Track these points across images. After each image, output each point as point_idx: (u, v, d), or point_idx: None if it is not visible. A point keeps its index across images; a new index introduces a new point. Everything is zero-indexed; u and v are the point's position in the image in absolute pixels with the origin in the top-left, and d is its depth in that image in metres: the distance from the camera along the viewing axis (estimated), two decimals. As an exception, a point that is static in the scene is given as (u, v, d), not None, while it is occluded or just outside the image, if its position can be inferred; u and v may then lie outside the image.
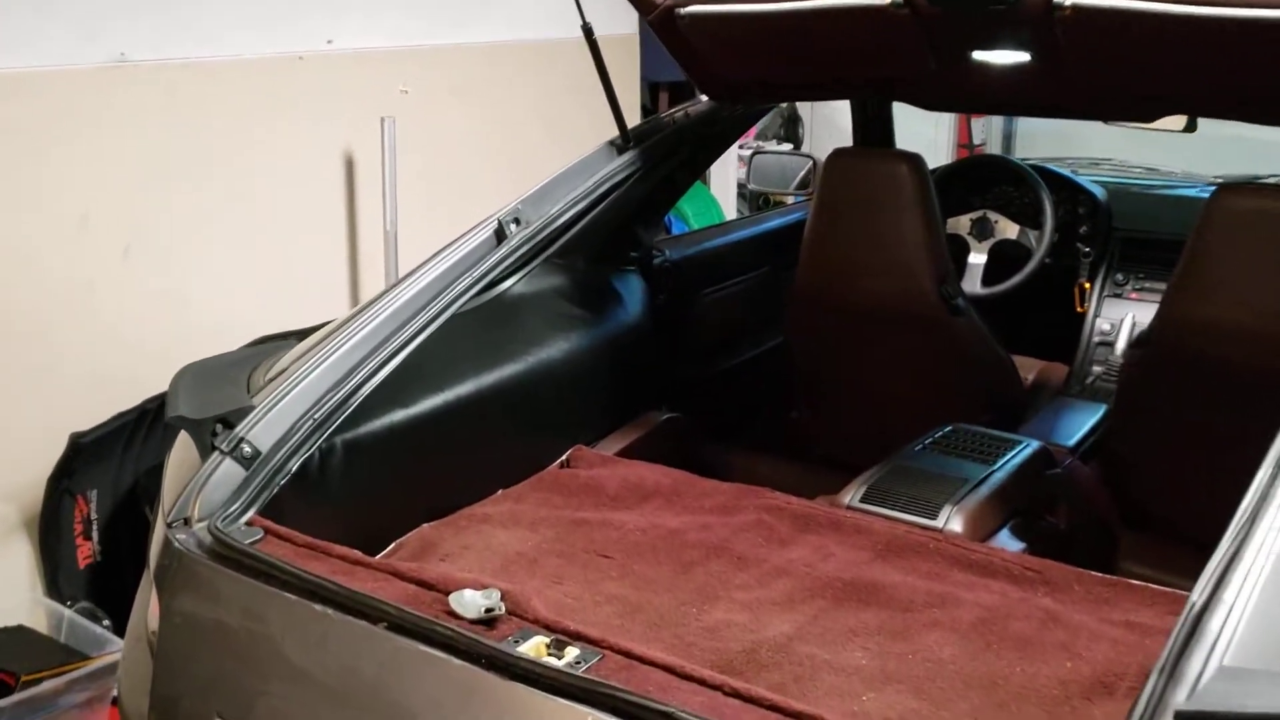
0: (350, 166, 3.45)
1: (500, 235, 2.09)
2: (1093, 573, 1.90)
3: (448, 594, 1.46)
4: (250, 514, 1.60)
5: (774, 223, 3.40)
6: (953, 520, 2.08)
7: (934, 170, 3.24)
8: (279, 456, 1.67)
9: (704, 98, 2.64)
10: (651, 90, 5.17)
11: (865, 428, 2.92)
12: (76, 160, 2.83)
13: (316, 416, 1.72)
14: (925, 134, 5.52)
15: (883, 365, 2.85)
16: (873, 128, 3.19)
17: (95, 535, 2.86)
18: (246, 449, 1.65)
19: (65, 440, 2.77)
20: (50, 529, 2.79)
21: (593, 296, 2.57)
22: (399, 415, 2.02)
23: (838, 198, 2.77)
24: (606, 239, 2.62)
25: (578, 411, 2.45)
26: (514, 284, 2.46)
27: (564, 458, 2.37)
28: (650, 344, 2.70)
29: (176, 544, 1.53)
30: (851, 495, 2.18)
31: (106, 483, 2.86)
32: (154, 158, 2.98)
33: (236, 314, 3.09)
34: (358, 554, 1.54)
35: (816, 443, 3.05)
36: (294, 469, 1.68)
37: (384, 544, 2.00)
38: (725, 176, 5.32)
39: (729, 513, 2.15)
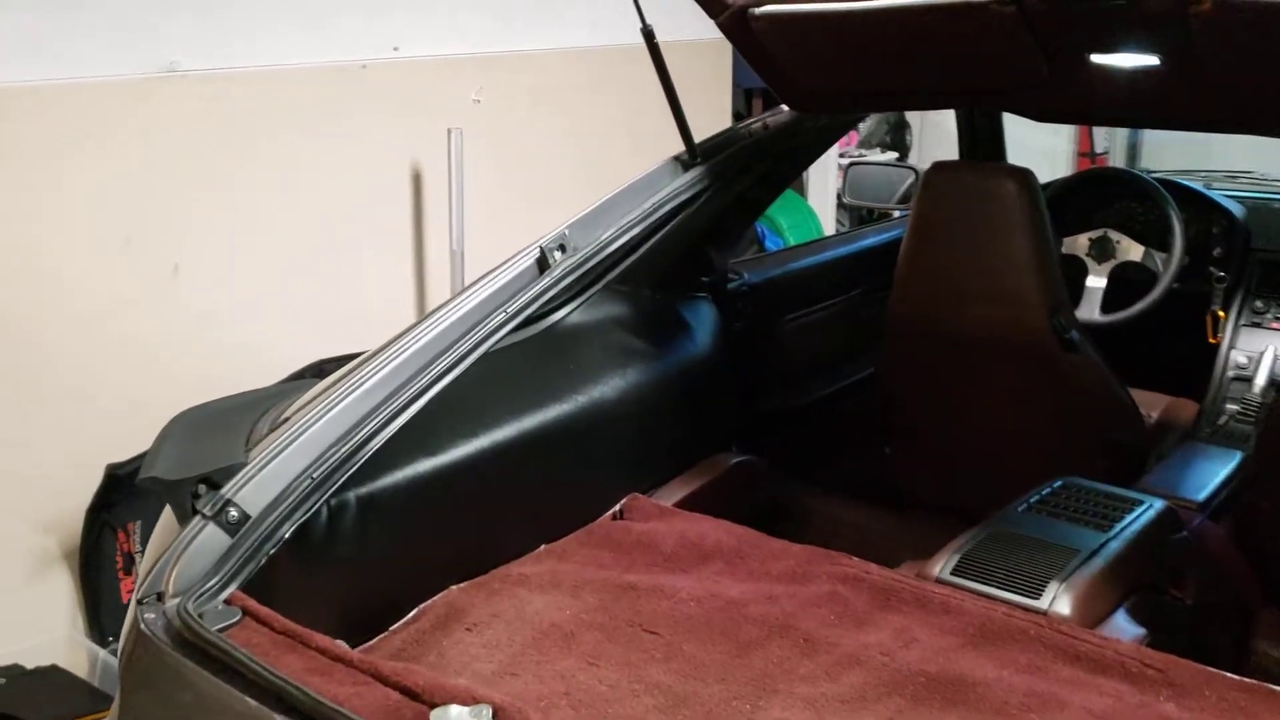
0: (417, 181, 3.27)
1: (542, 264, 1.86)
2: (1227, 675, 1.59)
3: (432, 706, 1.24)
4: (231, 589, 1.40)
5: (869, 240, 3.12)
6: (1059, 600, 1.79)
7: (1049, 185, 2.93)
8: (270, 521, 1.46)
9: (785, 107, 2.38)
10: (746, 97, 4.90)
11: (965, 470, 2.62)
12: (122, 175, 2.69)
13: (316, 474, 1.51)
14: (1042, 142, 5.14)
15: (986, 402, 2.56)
16: (979, 138, 2.89)
17: (137, 570, 2.73)
18: (233, 513, 1.45)
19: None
20: (90, 563, 2.66)
21: (656, 326, 2.33)
22: (424, 465, 1.81)
23: (937, 215, 2.49)
24: (673, 263, 2.38)
25: (635, 455, 2.21)
26: (568, 314, 2.24)
27: (617, 508, 2.13)
28: (722, 377, 2.45)
29: (142, 626, 1.34)
30: (941, 566, 1.89)
31: (151, 515, 2.72)
32: (204, 172, 2.83)
33: (290, 338, 2.93)
34: (340, 647, 1.32)
35: (910, 484, 2.76)
36: (286, 535, 1.47)
37: (405, 609, 1.79)
38: (825, 187, 5.03)
39: (799, 581, 1.89)
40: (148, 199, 2.74)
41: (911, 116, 5.83)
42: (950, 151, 2.86)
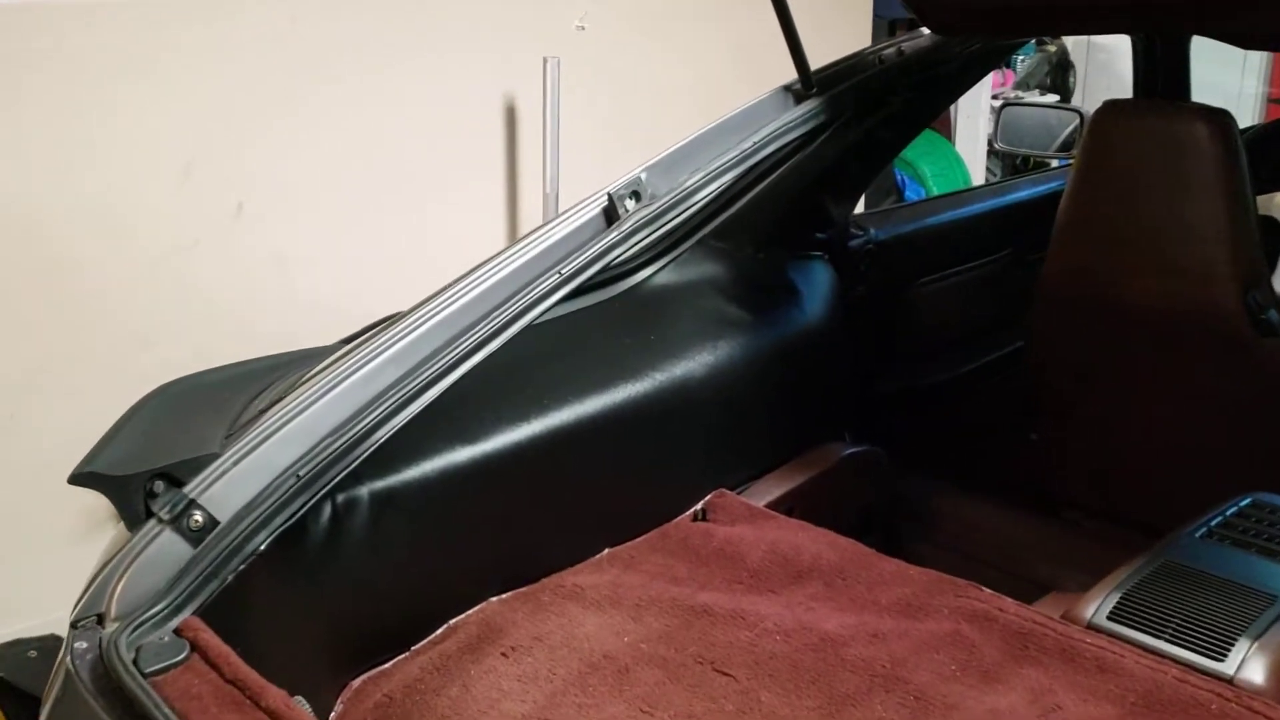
0: (510, 116, 2.95)
1: (610, 215, 1.52)
2: None
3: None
4: (185, 614, 1.13)
5: (1022, 194, 2.69)
6: (1250, 664, 1.39)
7: (1243, 131, 2.45)
8: (241, 529, 1.18)
9: (924, 30, 1.98)
10: (889, 30, 4.44)
11: (1127, 469, 2.21)
12: (180, 100, 2.44)
13: (304, 472, 1.21)
14: (1225, 83, 4.53)
15: (1156, 390, 2.14)
16: (1160, 73, 2.42)
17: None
18: (197, 517, 1.17)
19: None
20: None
21: (759, 290, 1.98)
22: (461, 454, 1.50)
23: (1107, 166, 2.07)
24: (781, 215, 2.01)
25: (725, 443, 1.87)
26: (652, 275, 1.91)
27: (699, 506, 1.80)
28: (836, 352, 2.08)
29: (69, 659, 1.08)
30: (1095, 608, 1.51)
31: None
32: (272, 100, 2.57)
33: (364, 286, 2.67)
34: (297, 711, 1.03)
35: (1059, 482, 2.35)
36: (262, 547, 1.19)
37: (431, 626, 1.50)
38: (975, 131, 4.54)
39: (914, 615, 1.53)
40: (211, 129, 2.49)
41: (1077, 55, 5.26)
42: (1119, 94, 2.40)
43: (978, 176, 4.59)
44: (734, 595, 1.59)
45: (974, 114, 4.47)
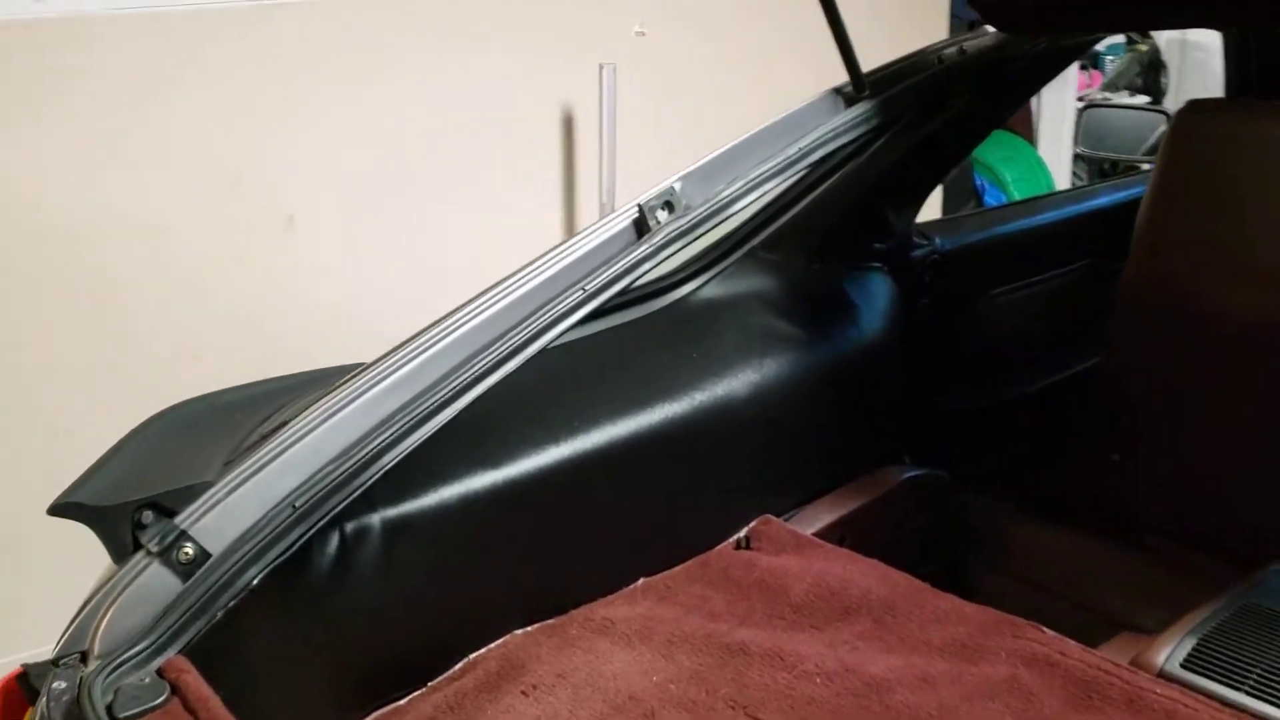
0: (567, 125, 2.88)
1: (640, 227, 1.44)
2: None
3: None
4: (170, 653, 1.07)
5: (1103, 199, 2.53)
6: (1345, 724, 1.25)
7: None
8: (233, 562, 1.11)
9: (988, 28, 1.86)
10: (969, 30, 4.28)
11: (1216, 494, 2.05)
12: (230, 111, 2.41)
13: (300, 503, 1.14)
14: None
15: (1250, 409, 1.98)
16: (1253, 69, 2.25)
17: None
18: (188, 550, 1.11)
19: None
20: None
21: (811, 303, 1.88)
22: (482, 479, 1.42)
23: (1191, 169, 1.94)
24: (835, 225, 1.91)
25: (771, 466, 1.77)
26: (696, 289, 1.82)
27: (743, 533, 1.70)
28: (895, 368, 1.97)
29: (46, 701, 1.02)
30: (1167, 654, 1.38)
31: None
32: (323, 111, 2.53)
33: (417, 300, 2.60)
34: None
35: (1142, 502, 2.19)
36: (255, 582, 1.12)
37: (451, 659, 1.43)
38: (1059, 135, 4.35)
39: (968, 657, 1.41)
40: (261, 140, 2.46)
41: (1170, 54, 5.03)
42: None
43: (1062, 182, 4.40)
44: (774, 632, 1.48)
45: (1058, 117, 4.29)
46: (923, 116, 1.83)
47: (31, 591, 2.14)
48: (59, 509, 1.10)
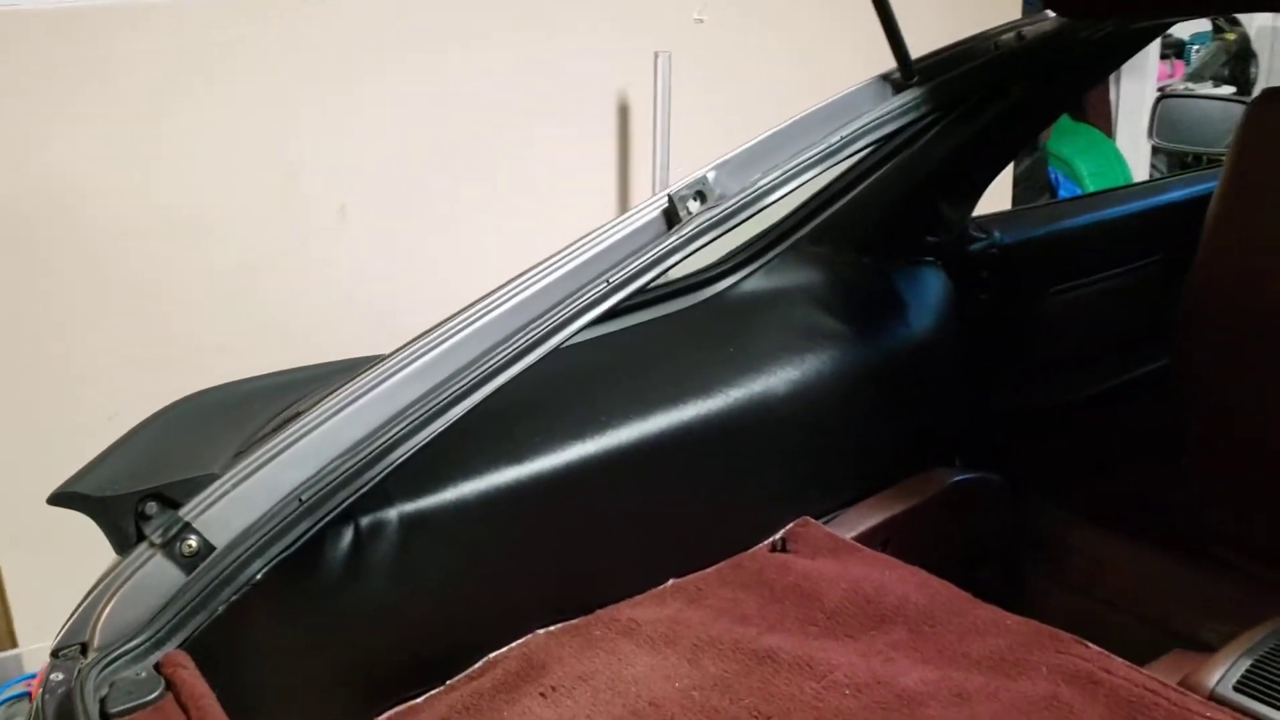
0: (623, 114, 2.84)
1: (670, 218, 1.39)
2: None
3: None
4: (169, 647, 1.05)
5: (1175, 194, 2.42)
6: None
7: None
8: (234, 557, 1.09)
9: (1049, 12, 1.78)
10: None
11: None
12: (283, 99, 2.41)
13: (306, 496, 1.12)
14: None
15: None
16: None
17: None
18: (191, 542, 1.09)
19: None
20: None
21: (858, 299, 1.81)
22: (505, 475, 1.39)
23: (1266, 160, 1.82)
24: (885, 217, 1.85)
25: (811, 466, 1.71)
26: (737, 282, 1.77)
27: (780, 535, 1.65)
28: (948, 366, 1.89)
29: (42, 692, 1.01)
30: (1219, 675, 1.29)
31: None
32: (376, 99, 2.52)
33: (469, 292, 2.58)
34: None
35: (1211, 511, 2.09)
36: (258, 577, 1.10)
37: (471, 658, 1.40)
38: (1138, 126, 4.20)
39: (1007, 672, 1.35)
40: (312, 128, 2.45)
41: (1260, 43, 4.83)
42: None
43: (1141, 176, 4.26)
44: (804, 639, 1.43)
45: (1138, 108, 4.14)
46: (978, 105, 1.76)
47: (76, 580, 2.16)
48: (59, 498, 1.09)
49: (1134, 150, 4.21)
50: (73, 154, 2.19)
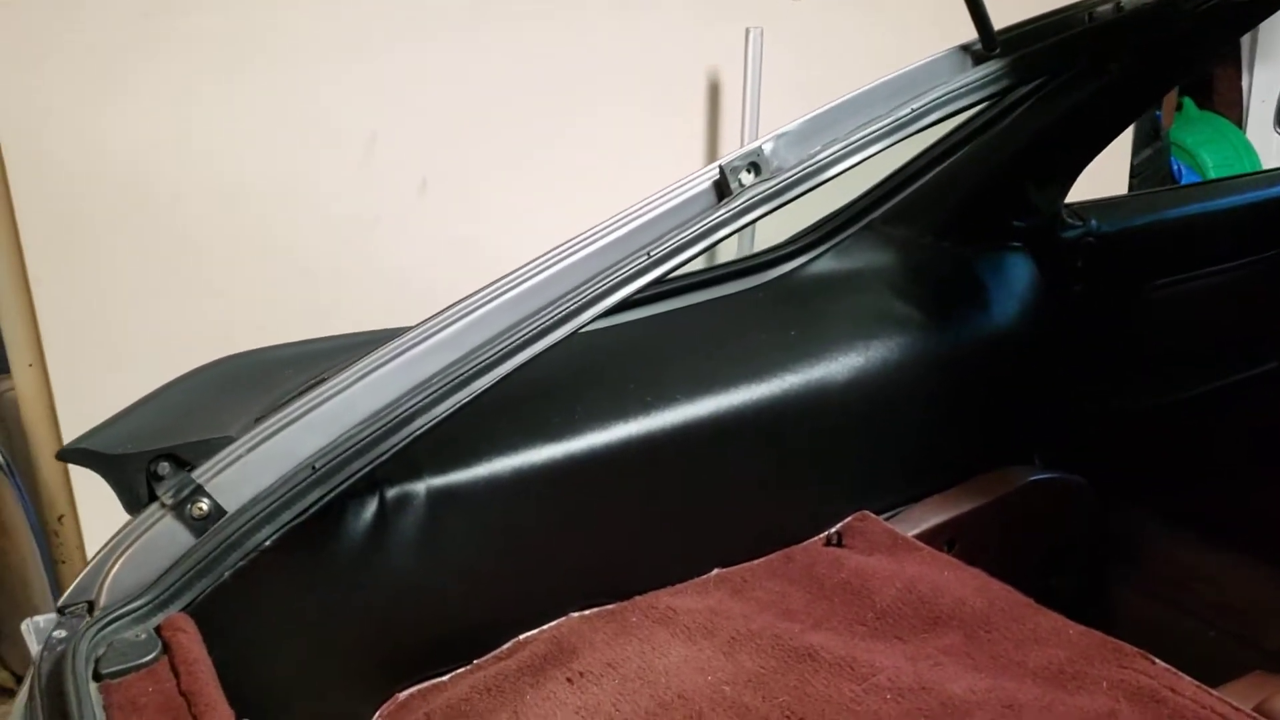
0: (714, 91, 2.77)
1: (721, 190, 1.32)
2: None
3: None
4: (173, 609, 1.03)
5: (1299, 184, 2.26)
6: None
7: None
8: (243, 522, 1.07)
9: (1154, -19, 1.65)
10: None
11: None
12: (366, 71, 2.40)
13: (319, 464, 1.09)
14: None
15: None
16: None
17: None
18: (203, 505, 1.08)
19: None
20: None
21: (935, 284, 1.72)
22: (541, 451, 1.35)
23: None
24: (967, 198, 1.75)
25: (875, 458, 1.63)
26: (806, 263, 1.70)
27: (836, 529, 1.57)
28: (1033, 358, 1.79)
29: (42, 648, 1.00)
30: (1298, 702, 1.18)
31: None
32: (462, 71, 2.49)
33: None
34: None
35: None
36: (267, 543, 1.07)
37: (501, 638, 1.36)
38: (1271, 115, 3.96)
39: (1063, 684, 1.26)
40: (395, 98, 2.44)
41: None
42: None
43: (1271, 164, 4.01)
44: (850, 639, 1.36)
45: (1271, 96, 3.90)
46: (1070, 82, 1.65)
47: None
48: (69, 454, 1.08)
49: (1267, 142, 3.97)
50: (146, 122, 2.20)
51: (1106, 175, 3.41)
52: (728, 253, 1.86)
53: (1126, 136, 3.59)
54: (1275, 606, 1.79)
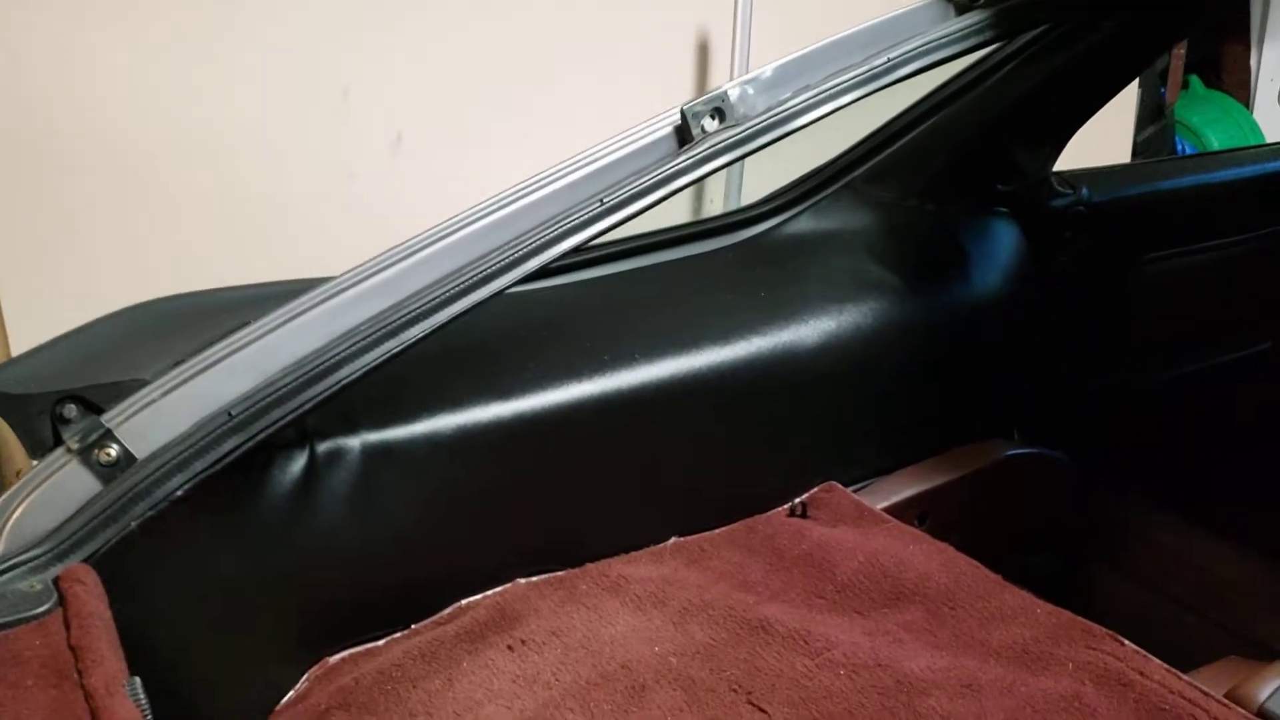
0: (702, 52, 2.69)
1: (683, 136, 1.25)
2: None
3: None
4: (73, 559, 0.97)
5: (1301, 159, 2.18)
6: None
7: None
8: (155, 468, 1.01)
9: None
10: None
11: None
12: (340, 21, 2.33)
13: (236, 410, 1.02)
14: None
15: None
16: None
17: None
18: (112, 450, 1.01)
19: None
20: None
21: (915, 247, 1.66)
22: (488, 409, 1.28)
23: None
24: (950, 159, 1.68)
25: (845, 427, 1.56)
26: (781, 223, 1.63)
27: (800, 500, 1.51)
28: (1014, 328, 1.72)
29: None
30: (1273, 689, 1.12)
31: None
32: (440, 26, 2.42)
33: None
34: (117, 699, 0.84)
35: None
36: (179, 493, 1.01)
37: (442, 603, 1.30)
38: (1277, 92, 3.87)
39: (1026, 665, 1.19)
40: (371, 52, 2.37)
41: None
42: None
43: (1281, 150, 3.91)
44: (807, 612, 1.30)
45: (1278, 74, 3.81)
46: (1061, 38, 1.57)
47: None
48: (-33, 392, 1.02)
49: (1274, 123, 3.88)
50: (119, 67, 2.14)
51: (1109, 153, 3.33)
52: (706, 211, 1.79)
53: (1130, 113, 3.50)
54: (1259, 594, 1.72)
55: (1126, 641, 1.19)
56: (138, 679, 0.86)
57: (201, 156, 2.26)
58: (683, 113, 1.25)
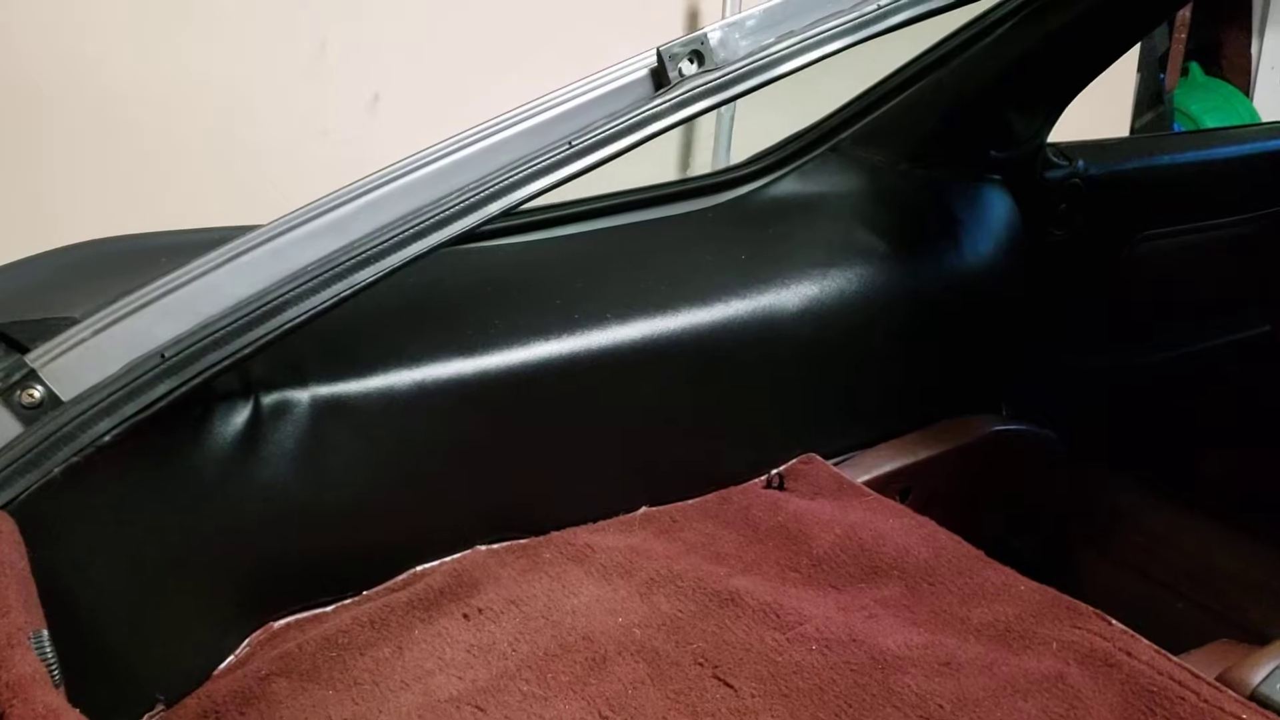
0: (692, 22, 2.63)
1: (659, 79, 1.19)
2: None
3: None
4: (-7, 505, 0.91)
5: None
6: None
7: None
8: (81, 411, 0.94)
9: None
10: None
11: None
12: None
13: (170, 353, 0.95)
14: None
15: None
16: None
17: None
18: (35, 392, 0.95)
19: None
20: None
21: (904, 212, 1.59)
22: (449, 366, 1.21)
23: None
24: (942, 122, 1.61)
25: (826, 397, 1.50)
26: (766, 185, 1.57)
27: (778, 471, 1.45)
28: (1004, 301, 1.67)
29: None
30: (1266, 672, 1.06)
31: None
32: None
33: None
34: (19, 651, 0.77)
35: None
36: (106, 438, 0.95)
37: (397, 569, 1.23)
38: (1277, 80, 3.80)
39: (1008, 643, 1.13)
40: (346, 9, 2.29)
41: None
42: None
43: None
44: (780, 585, 1.23)
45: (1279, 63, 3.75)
46: (1059, 1, 1.51)
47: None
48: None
49: (1274, 111, 3.82)
50: (93, 12, 2.06)
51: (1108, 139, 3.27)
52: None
53: (1128, 99, 3.44)
54: (1250, 579, 1.67)
55: (1114, 621, 1.14)
56: (45, 631, 0.79)
57: (173, 102, 2.19)
58: (659, 54, 1.18)
